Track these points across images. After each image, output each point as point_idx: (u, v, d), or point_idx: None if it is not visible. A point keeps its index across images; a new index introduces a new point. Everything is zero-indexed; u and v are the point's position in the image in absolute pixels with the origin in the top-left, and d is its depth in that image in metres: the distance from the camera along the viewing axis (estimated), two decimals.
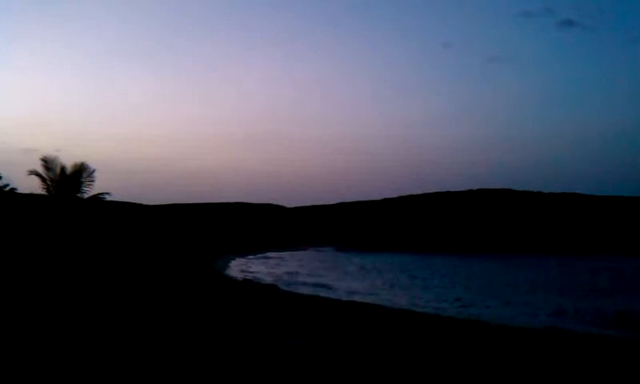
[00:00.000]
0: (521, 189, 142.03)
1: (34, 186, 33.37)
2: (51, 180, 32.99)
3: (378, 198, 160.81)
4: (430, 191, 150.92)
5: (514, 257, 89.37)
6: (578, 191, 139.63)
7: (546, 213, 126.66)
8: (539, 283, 45.70)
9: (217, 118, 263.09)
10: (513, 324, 22.99)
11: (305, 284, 42.92)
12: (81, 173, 33.69)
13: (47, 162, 32.95)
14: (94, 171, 34.11)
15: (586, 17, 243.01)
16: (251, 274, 50.01)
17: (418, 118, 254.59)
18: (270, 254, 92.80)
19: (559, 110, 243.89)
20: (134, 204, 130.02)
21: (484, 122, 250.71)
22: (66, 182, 33.17)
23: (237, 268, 58.88)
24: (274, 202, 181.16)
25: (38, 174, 32.74)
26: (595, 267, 66.64)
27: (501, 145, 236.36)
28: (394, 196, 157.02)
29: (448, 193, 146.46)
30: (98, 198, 35.10)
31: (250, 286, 35.46)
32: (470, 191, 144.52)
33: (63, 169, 33.30)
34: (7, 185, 35.17)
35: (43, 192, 33.36)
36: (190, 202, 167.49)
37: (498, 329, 20.76)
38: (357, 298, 32.72)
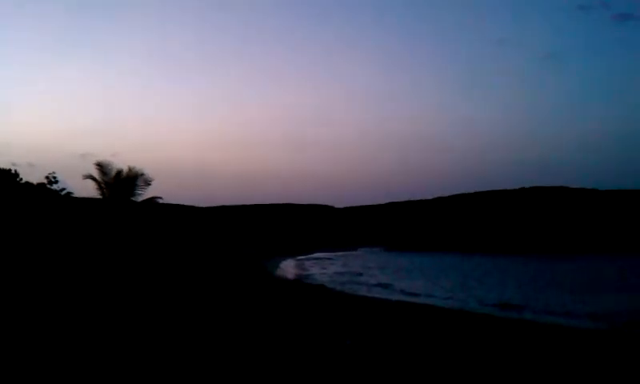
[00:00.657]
0: (576, 186, 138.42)
1: (90, 190, 34.10)
2: (105, 184, 33.68)
3: (429, 197, 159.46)
4: (482, 190, 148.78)
5: (572, 257, 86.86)
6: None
7: (602, 211, 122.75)
8: (593, 284, 44.35)
9: (266, 121, 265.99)
10: (564, 325, 22.44)
11: (356, 284, 42.86)
12: (135, 177, 34.26)
13: (102, 167, 33.64)
14: (150, 180, 34.60)
15: None
16: (302, 275, 50.26)
17: (470, 115, 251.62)
18: (320, 255, 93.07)
19: (616, 105, 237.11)
20: (186, 206, 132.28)
21: (539, 119, 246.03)
22: (119, 185, 33.81)
23: (288, 269, 59.25)
24: (324, 203, 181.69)
25: (92, 178, 33.48)
26: None
27: (556, 141, 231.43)
28: (446, 195, 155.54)
29: (500, 191, 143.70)
30: (151, 202, 35.68)
31: (301, 286, 35.63)
32: (523, 189, 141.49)
33: (118, 173, 33.96)
34: (63, 189, 36.09)
35: (98, 196, 34.09)
36: (241, 203, 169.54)
37: (549, 329, 20.30)
38: (407, 299, 32.48)
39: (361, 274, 53.36)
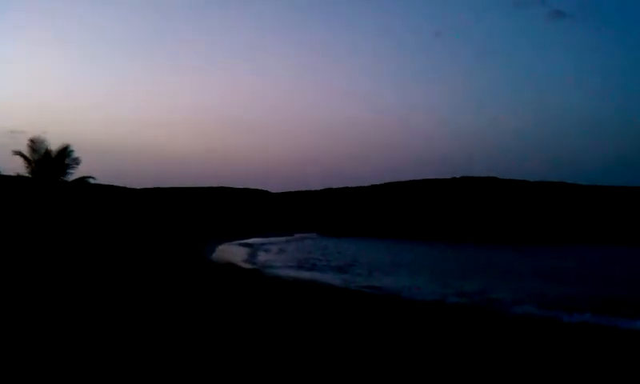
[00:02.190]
0: (506, 177, 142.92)
1: (19, 168, 33.02)
2: (36, 162, 32.73)
3: (365, 184, 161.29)
4: (416, 178, 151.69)
5: (501, 247, 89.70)
6: (566, 181, 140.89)
7: (531, 202, 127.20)
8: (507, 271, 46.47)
9: (203, 103, 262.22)
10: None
11: (291, 268, 43.43)
12: (65, 155, 33.48)
13: (34, 144, 32.68)
14: (79, 159, 33.85)
15: (576, 8, 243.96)
16: (238, 259, 50.20)
17: (405, 106, 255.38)
18: (256, 240, 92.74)
19: (548, 101, 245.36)
20: (119, 187, 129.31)
21: (473, 111, 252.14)
22: (50, 164, 32.95)
23: (224, 253, 58.91)
24: (260, 187, 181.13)
25: (22, 155, 32.50)
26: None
27: (489, 133, 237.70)
28: (381, 182, 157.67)
29: (432, 180, 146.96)
30: (82, 181, 34.94)
31: (237, 270, 35.85)
32: (454, 179, 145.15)
33: (48, 151, 33.06)
34: None
35: (27, 174, 33.07)
36: (175, 185, 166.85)
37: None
38: (341, 285, 33.24)
39: (297, 259, 53.85)
